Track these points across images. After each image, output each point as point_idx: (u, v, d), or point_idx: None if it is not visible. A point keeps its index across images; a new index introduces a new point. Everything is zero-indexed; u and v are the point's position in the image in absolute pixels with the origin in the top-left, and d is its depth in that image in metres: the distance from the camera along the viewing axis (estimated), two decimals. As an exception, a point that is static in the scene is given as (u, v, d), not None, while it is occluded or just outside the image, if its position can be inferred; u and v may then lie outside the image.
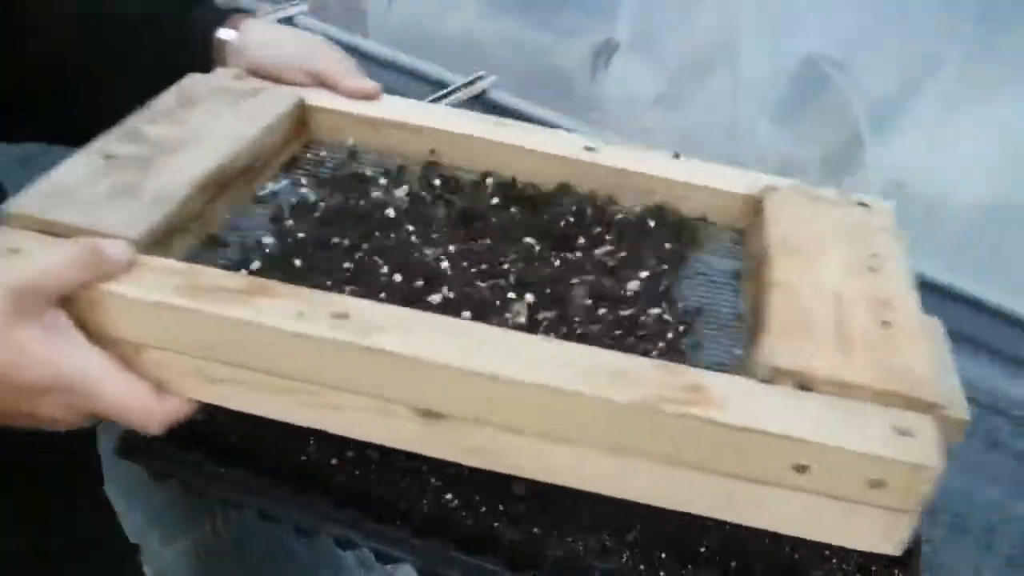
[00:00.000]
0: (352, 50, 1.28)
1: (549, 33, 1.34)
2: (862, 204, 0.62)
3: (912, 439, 0.43)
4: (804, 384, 0.46)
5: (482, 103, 1.30)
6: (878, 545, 0.46)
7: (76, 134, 0.58)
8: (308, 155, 0.66)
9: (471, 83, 1.34)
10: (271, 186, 0.62)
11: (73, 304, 0.47)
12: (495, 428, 0.46)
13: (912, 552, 0.55)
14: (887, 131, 1.05)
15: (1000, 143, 0.97)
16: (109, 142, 0.57)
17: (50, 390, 0.46)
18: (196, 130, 0.59)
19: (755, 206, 0.62)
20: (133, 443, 0.59)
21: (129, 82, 0.64)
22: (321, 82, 0.67)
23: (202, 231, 0.56)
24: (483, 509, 0.55)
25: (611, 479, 0.47)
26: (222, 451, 0.58)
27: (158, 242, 0.51)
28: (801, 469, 0.43)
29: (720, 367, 0.50)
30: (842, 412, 0.45)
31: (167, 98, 0.62)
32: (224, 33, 0.67)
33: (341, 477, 0.56)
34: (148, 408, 0.47)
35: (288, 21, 1.40)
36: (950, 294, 0.95)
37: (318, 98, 0.67)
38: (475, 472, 0.49)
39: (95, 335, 0.47)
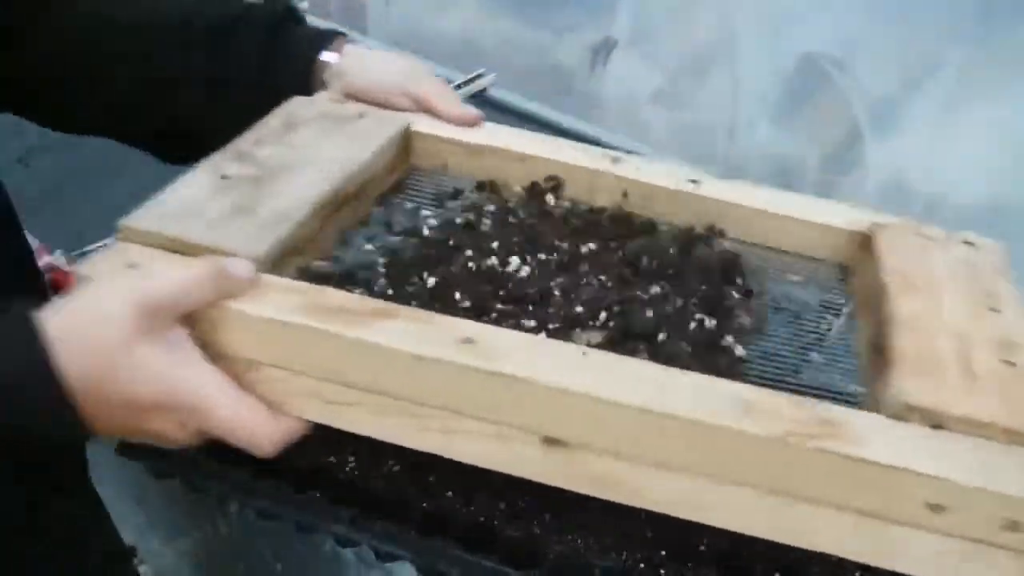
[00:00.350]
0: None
1: (548, 31, 1.34)
2: (968, 243, 0.61)
3: None
4: (936, 422, 0.46)
5: (482, 101, 1.30)
6: None
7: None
8: (411, 181, 0.65)
9: (471, 81, 1.34)
10: (379, 211, 0.62)
11: (195, 322, 0.47)
12: (618, 458, 0.45)
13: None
14: (887, 131, 1.05)
15: (1000, 143, 0.97)
16: (221, 163, 0.57)
17: (162, 406, 0.46)
18: (306, 153, 0.59)
19: (863, 242, 0.61)
20: (134, 442, 0.59)
21: (220, 98, 0.65)
22: (423, 107, 0.67)
23: (315, 253, 0.56)
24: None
25: (743, 513, 0.46)
26: (222, 451, 0.58)
27: (276, 263, 0.51)
28: (936, 509, 0.43)
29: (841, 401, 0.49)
30: (976, 451, 0.44)
31: (273, 121, 0.62)
32: (327, 56, 0.67)
33: (342, 475, 0.56)
34: (261, 428, 0.47)
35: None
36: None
37: (423, 124, 0.66)
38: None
39: (214, 354, 0.47)
